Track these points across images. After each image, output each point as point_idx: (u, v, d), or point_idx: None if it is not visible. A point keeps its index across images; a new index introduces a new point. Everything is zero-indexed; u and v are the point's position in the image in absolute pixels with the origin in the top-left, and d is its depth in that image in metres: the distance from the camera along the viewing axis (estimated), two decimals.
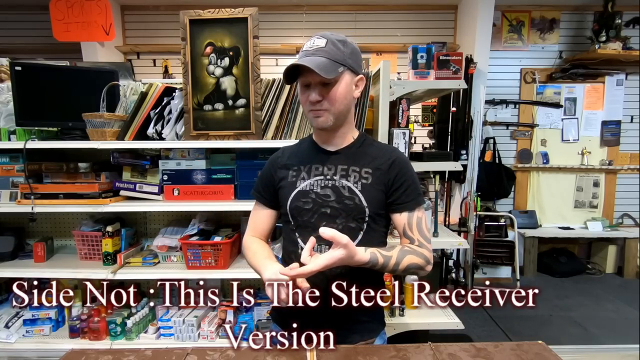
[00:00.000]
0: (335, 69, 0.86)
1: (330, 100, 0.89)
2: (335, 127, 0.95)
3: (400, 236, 0.98)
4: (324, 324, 0.92)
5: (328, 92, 0.89)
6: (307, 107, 0.93)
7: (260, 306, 1.77)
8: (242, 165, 1.74)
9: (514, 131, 3.87)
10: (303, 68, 0.86)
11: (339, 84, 0.89)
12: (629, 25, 3.60)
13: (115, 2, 3.54)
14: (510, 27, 3.78)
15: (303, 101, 0.93)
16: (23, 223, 1.93)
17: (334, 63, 0.86)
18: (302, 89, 0.92)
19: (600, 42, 3.50)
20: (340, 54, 0.88)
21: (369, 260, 0.84)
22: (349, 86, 0.91)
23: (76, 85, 1.78)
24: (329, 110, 0.90)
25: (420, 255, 0.91)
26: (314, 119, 0.92)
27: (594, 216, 3.87)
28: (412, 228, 0.94)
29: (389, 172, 0.94)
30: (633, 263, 3.65)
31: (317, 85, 0.88)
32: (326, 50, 0.86)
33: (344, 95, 0.91)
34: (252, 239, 1.05)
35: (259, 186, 1.06)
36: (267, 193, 1.04)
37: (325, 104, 0.89)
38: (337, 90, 0.89)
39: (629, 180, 3.89)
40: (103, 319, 1.69)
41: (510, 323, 2.71)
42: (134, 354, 0.75)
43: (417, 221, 0.94)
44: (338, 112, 0.91)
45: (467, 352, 0.76)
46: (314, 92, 0.88)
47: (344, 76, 0.89)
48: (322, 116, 0.91)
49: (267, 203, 1.05)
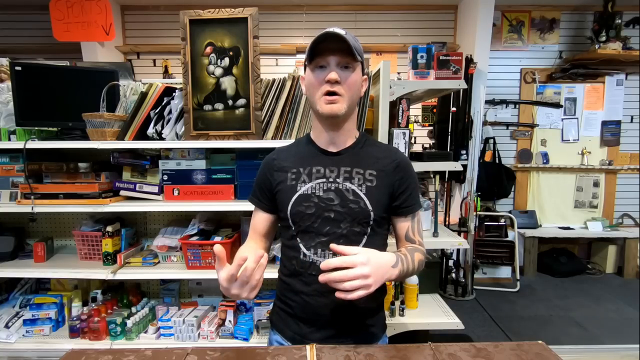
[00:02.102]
0: (358, 55, 0.86)
1: (348, 85, 0.86)
2: (344, 119, 0.92)
3: (398, 240, 0.98)
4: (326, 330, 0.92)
5: (346, 76, 0.86)
6: (320, 91, 0.87)
7: (260, 306, 1.77)
8: (242, 165, 1.74)
9: (514, 131, 3.88)
10: (325, 48, 0.84)
11: (355, 72, 0.88)
12: (629, 25, 3.60)
13: (115, 2, 3.54)
14: (510, 27, 3.78)
15: (316, 84, 0.87)
16: (23, 223, 1.93)
17: (355, 50, 0.85)
18: (316, 71, 0.87)
19: (600, 42, 3.50)
20: (358, 46, 0.88)
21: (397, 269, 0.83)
22: (360, 80, 0.91)
23: (76, 85, 1.78)
24: (344, 97, 0.86)
25: (420, 251, 0.93)
26: (327, 105, 0.86)
27: (594, 216, 3.88)
28: (414, 232, 0.95)
29: (394, 174, 0.93)
30: (633, 263, 3.65)
31: (336, 67, 0.86)
32: (348, 38, 0.84)
33: (357, 87, 0.89)
34: (246, 244, 1.00)
35: (256, 191, 1.02)
36: (264, 198, 1.00)
37: (342, 88, 0.86)
38: (354, 76, 0.87)
39: (629, 180, 3.89)
40: (103, 319, 1.69)
41: (510, 323, 2.71)
42: (134, 354, 0.75)
43: (418, 225, 0.96)
44: (351, 102, 0.89)
45: (467, 352, 0.76)
46: (333, 72, 0.85)
47: (358, 68, 0.89)
48: (338, 102, 0.86)
49: (265, 208, 1.01)
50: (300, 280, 0.94)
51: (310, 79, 0.89)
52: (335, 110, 0.87)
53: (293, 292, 0.95)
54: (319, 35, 0.84)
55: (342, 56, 0.84)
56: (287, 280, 0.97)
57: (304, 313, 0.93)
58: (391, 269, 0.80)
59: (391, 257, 0.82)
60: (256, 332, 1.74)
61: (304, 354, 0.76)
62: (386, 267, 0.80)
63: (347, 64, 0.86)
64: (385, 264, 0.80)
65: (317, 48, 0.85)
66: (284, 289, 0.99)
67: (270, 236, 1.05)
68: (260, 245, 1.01)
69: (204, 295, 1.93)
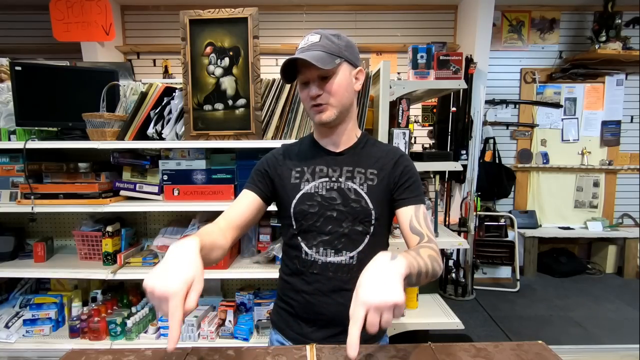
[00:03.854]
0: (332, 61, 0.85)
1: (330, 92, 0.87)
2: (339, 122, 0.92)
3: (405, 235, 0.89)
4: (328, 329, 0.92)
5: (327, 85, 0.87)
6: (308, 104, 0.90)
7: (260, 306, 1.77)
8: (242, 165, 1.74)
9: (514, 131, 3.88)
10: (301, 64, 0.85)
11: (337, 76, 0.87)
12: (629, 25, 3.60)
13: (115, 2, 3.54)
14: (510, 27, 3.78)
15: (304, 99, 0.91)
16: (23, 223, 1.93)
17: (330, 55, 0.85)
18: (302, 87, 0.90)
19: (600, 42, 3.50)
20: (335, 46, 0.87)
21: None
22: (348, 78, 0.90)
23: (76, 85, 1.78)
24: (331, 104, 0.88)
25: (428, 246, 0.80)
26: (316, 115, 0.89)
27: (594, 216, 3.88)
28: (419, 221, 0.88)
29: (394, 170, 0.93)
30: (633, 263, 3.65)
31: (315, 80, 0.87)
32: (321, 44, 0.85)
33: (344, 88, 0.89)
34: (208, 225, 0.86)
35: (253, 177, 0.99)
36: (262, 184, 0.96)
37: (325, 97, 0.87)
38: (336, 83, 0.87)
39: (629, 180, 3.89)
40: (103, 319, 1.69)
41: (510, 323, 2.71)
42: (134, 354, 0.75)
43: (423, 216, 0.89)
44: (341, 105, 0.89)
45: (467, 352, 0.76)
46: (313, 87, 0.87)
47: (341, 68, 0.88)
48: (326, 111, 0.88)
49: (258, 191, 0.95)
50: (302, 279, 0.94)
51: (300, 94, 0.93)
52: (324, 119, 0.89)
53: (294, 292, 0.95)
54: (285, 62, 0.86)
55: (316, 70, 0.84)
56: (289, 280, 0.97)
57: (306, 312, 0.93)
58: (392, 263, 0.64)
59: (382, 254, 0.66)
60: (256, 332, 1.74)
61: (304, 353, 0.75)
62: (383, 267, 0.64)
63: (325, 74, 0.86)
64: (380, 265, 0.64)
65: (289, 70, 0.88)
66: (285, 288, 0.99)
67: (244, 228, 0.94)
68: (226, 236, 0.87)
69: (204, 295, 1.93)
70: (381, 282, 0.61)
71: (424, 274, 0.74)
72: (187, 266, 0.61)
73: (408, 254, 0.71)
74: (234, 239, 0.91)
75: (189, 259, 0.62)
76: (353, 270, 0.90)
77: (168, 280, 0.57)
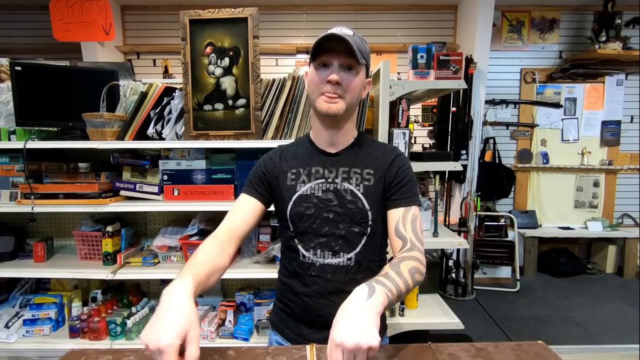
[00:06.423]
0: (362, 57, 0.84)
1: (348, 87, 0.85)
2: (343, 119, 0.91)
3: (390, 238, 0.89)
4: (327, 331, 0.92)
5: (348, 79, 0.85)
6: (318, 90, 0.86)
7: (260, 306, 1.77)
8: (242, 165, 1.74)
9: (514, 131, 3.88)
10: (329, 47, 0.83)
11: (357, 75, 0.87)
12: (629, 25, 3.60)
13: (115, 2, 3.54)
14: (510, 27, 3.78)
15: (316, 82, 0.86)
16: (23, 223, 1.93)
17: (360, 53, 0.84)
18: (319, 69, 0.86)
19: (600, 42, 3.50)
20: (364, 48, 0.86)
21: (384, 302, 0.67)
22: (362, 83, 0.89)
23: (76, 85, 1.78)
24: (344, 98, 0.86)
25: (410, 257, 0.79)
26: (325, 104, 0.86)
27: (594, 216, 3.88)
28: (405, 224, 0.86)
29: (390, 169, 0.92)
30: (633, 263, 3.65)
31: (338, 68, 0.85)
32: (355, 40, 0.83)
33: (358, 90, 0.88)
34: (208, 243, 0.84)
35: (251, 181, 0.97)
36: (261, 188, 0.95)
37: (343, 89, 0.85)
38: (355, 80, 0.86)
39: (629, 180, 3.89)
40: (103, 319, 1.69)
41: (510, 323, 2.71)
42: (134, 354, 0.75)
43: (412, 218, 0.87)
44: (351, 103, 0.88)
45: (467, 352, 0.76)
46: (337, 72, 0.83)
47: (362, 71, 0.88)
48: (337, 102, 0.85)
49: (258, 196, 0.94)
50: (300, 282, 0.93)
51: (313, 76, 0.88)
52: (333, 110, 0.86)
53: (293, 294, 0.95)
54: (325, 35, 0.83)
55: (345, 57, 0.84)
56: (287, 282, 0.97)
57: (304, 314, 0.93)
58: (367, 302, 0.64)
59: (359, 291, 0.66)
60: (256, 332, 1.74)
61: (304, 354, 0.75)
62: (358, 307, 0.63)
63: (350, 65, 0.85)
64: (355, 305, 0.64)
65: (321, 47, 0.84)
66: (283, 290, 0.99)
67: (246, 236, 0.93)
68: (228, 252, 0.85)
69: (204, 295, 1.93)
70: (356, 323, 0.61)
71: (405, 293, 0.74)
72: (180, 317, 0.59)
73: (387, 280, 0.70)
74: (235, 250, 0.89)
75: (181, 308, 0.61)
76: (351, 272, 0.90)
77: (160, 334, 0.57)
